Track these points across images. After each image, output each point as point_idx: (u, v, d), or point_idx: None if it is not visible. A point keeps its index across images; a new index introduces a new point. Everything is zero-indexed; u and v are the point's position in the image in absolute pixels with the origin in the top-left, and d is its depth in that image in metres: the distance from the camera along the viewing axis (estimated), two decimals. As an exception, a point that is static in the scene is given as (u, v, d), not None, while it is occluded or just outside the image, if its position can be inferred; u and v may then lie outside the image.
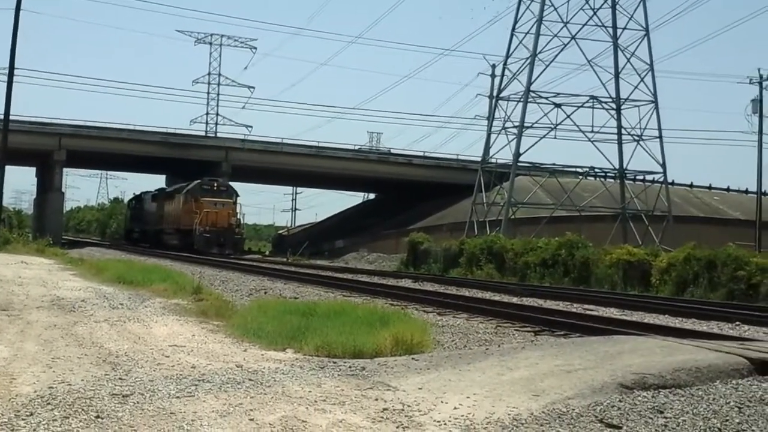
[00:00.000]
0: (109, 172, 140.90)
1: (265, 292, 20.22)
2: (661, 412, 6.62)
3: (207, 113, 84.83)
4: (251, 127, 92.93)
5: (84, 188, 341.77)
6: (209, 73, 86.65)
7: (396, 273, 34.99)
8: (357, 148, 71.45)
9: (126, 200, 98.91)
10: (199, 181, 52.58)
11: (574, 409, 6.57)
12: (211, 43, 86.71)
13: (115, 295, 16.08)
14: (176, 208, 54.29)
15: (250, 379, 7.58)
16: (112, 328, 11.17)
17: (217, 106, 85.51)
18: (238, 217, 52.49)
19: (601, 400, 6.84)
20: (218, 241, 48.84)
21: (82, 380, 7.35)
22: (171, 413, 6.21)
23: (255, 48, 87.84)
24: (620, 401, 6.83)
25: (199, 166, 59.47)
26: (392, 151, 70.36)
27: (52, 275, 21.79)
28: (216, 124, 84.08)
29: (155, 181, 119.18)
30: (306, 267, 37.04)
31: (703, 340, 9.98)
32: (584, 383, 7.35)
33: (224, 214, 49.99)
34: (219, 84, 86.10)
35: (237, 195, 53.06)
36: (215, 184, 51.87)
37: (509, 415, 6.40)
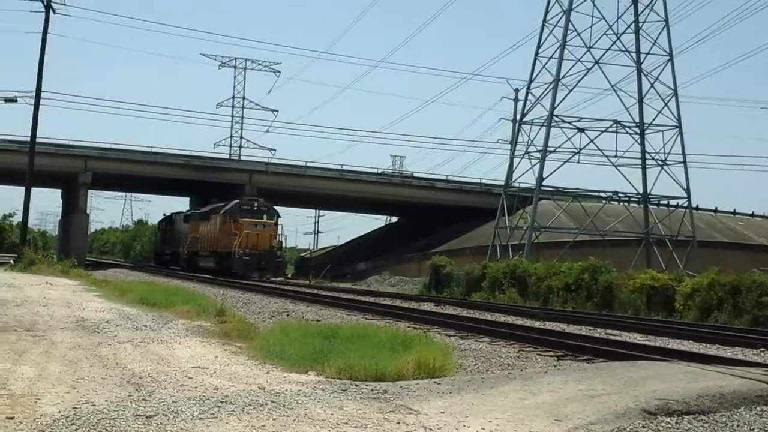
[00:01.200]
0: (134, 194, 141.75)
1: (288, 315, 20.26)
2: (685, 438, 6.59)
3: (231, 136, 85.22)
4: (275, 150, 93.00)
5: (108, 210, 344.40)
6: (233, 97, 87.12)
7: (418, 296, 34.95)
8: (380, 171, 71.57)
9: (154, 222, 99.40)
10: (238, 201, 50.71)
11: (596, 435, 6.56)
12: (235, 67, 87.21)
13: (138, 316, 16.16)
14: (213, 230, 52.03)
15: (272, 401, 7.60)
16: (135, 349, 11.23)
17: (241, 129, 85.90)
18: (280, 239, 49.95)
19: (625, 425, 6.82)
20: (259, 265, 46.61)
21: (106, 401, 7.39)
22: (194, 434, 6.24)
23: (279, 72, 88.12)
24: (643, 427, 6.81)
25: (223, 188, 59.72)
26: (415, 174, 70.46)
27: (77, 296, 21.92)
28: (240, 147, 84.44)
29: (179, 204, 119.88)
30: (328, 290, 37.08)
31: (727, 366, 9.92)
32: (607, 408, 7.33)
33: (265, 236, 47.62)
34: (243, 107, 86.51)
35: (278, 216, 50.72)
36: (255, 204, 49.56)
37: (532, 439, 6.38)
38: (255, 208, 48.85)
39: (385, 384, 8.96)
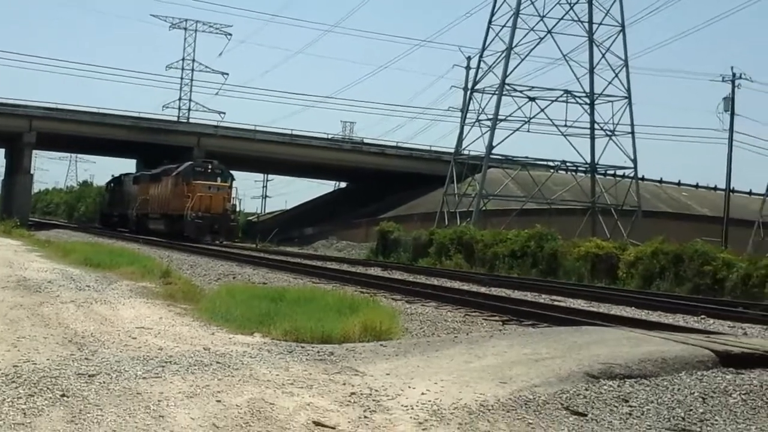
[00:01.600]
0: (79, 156, 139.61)
1: (234, 278, 20.16)
2: (626, 401, 6.68)
3: (180, 99, 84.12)
4: (224, 113, 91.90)
5: (52, 171, 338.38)
6: (183, 59, 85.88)
7: (365, 261, 35.00)
8: (330, 137, 71.22)
9: (100, 183, 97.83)
10: (191, 162, 49.17)
11: (540, 397, 6.62)
12: (186, 29, 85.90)
13: (82, 277, 15.97)
14: (164, 192, 50.08)
15: (217, 362, 7.56)
16: (78, 309, 11.09)
17: (191, 91, 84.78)
18: (234, 202, 48.33)
19: (568, 388, 6.89)
20: (212, 228, 45.11)
21: (48, 359, 7.29)
22: (137, 393, 6.18)
23: (230, 34, 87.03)
24: (586, 390, 6.88)
25: (171, 151, 58.98)
26: (365, 140, 70.28)
27: (19, 256, 21.60)
28: (189, 110, 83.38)
29: (125, 166, 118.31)
30: (275, 253, 36.94)
31: (670, 332, 10.06)
32: (551, 372, 7.39)
33: (219, 199, 46.00)
34: (193, 70, 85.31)
35: (233, 179, 48.90)
36: (209, 167, 47.65)
37: (476, 401, 6.42)
38: (209, 171, 47.31)
39: (331, 346, 8.96)
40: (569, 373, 7.35)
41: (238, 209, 50.78)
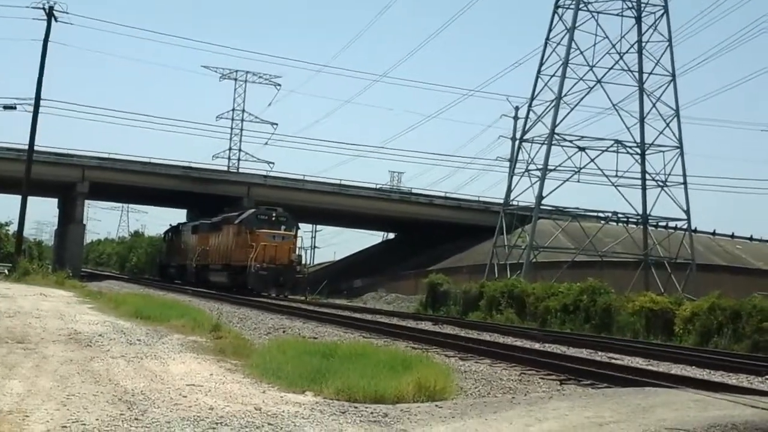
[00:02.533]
0: (131, 206, 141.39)
1: (284, 331, 19.98)
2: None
3: (230, 148, 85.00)
4: (273, 163, 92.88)
5: (105, 221, 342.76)
6: (233, 109, 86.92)
7: (415, 315, 34.66)
8: (378, 187, 71.30)
9: (151, 233, 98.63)
10: (254, 210, 47.01)
11: (607, 466, 6.31)
12: (236, 79, 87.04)
13: (132, 330, 15.89)
14: (225, 241, 48.07)
15: (269, 423, 7.36)
16: (128, 364, 10.96)
17: (240, 141, 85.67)
18: (300, 252, 45.93)
19: (636, 456, 6.57)
20: (277, 280, 42.55)
21: (97, 419, 7.14)
22: (188, 459, 5.98)
23: (279, 85, 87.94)
24: (656, 458, 6.55)
25: (221, 201, 59.42)
26: (413, 190, 70.25)
27: (70, 308, 21.64)
28: (238, 159, 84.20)
29: (176, 215, 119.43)
30: (324, 306, 36.77)
31: (737, 394, 9.67)
32: (617, 438, 7.08)
33: (284, 249, 43.42)
34: (243, 120, 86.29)
35: (298, 227, 46.51)
36: (274, 214, 45.22)
37: (540, 470, 6.13)
38: (273, 219, 44.89)
39: (385, 407, 8.71)
40: (636, 439, 7.03)
41: (305, 260, 48.49)
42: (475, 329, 25.94)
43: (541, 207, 46.60)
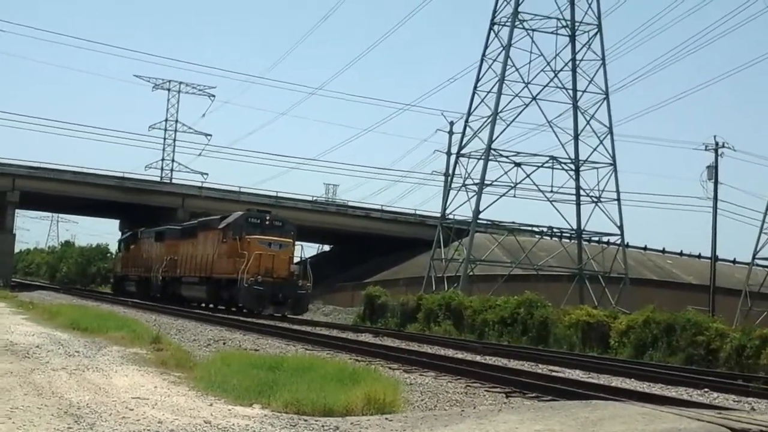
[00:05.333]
0: (60, 215, 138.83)
1: (224, 343, 19.76)
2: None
3: (162, 159, 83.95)
4: (207, 174, 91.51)
5: (33, 230, 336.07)
6: (166, 119, 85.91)
7: (354, 327, 34.56)
8: (313, 199, 71.14)
9: (81, 243, 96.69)
10: (242, 212, 39.94)
11: (564, 479, 6.34)
12: (169, 89, 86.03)
13: (70, 341, 15.59)
14: (203, 250, 40.99)
15: (221, 437, 7.25)
16: (71, 377, 10.74)
17: (173, 152, 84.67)
18: (306, 265, 39.60)
19: (590, 469, 6.61)
20: (275, 297, 35.75)
21: (45, 434, 6.97)
22: (143, 473, 5.87)
23: (213, 95, 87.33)
24: (610, 471, 6.60)
25: (155, 212, 58.71)
26: (349, 203, 70.26)
27: (4, 318, 21.18)
28: (171, 170, 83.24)
29: (108, 226, 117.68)
30: (263, 318, 36.44)
31: (682, 407, 9.80)
32: (570, 451, 7.12)
33: (282, 259, 36.64)
34: (176, 130, 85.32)
35: (295, 232, 39.14)
36: (267, 217, 38.35)
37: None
38: (267, 222, 37.95)
39: (335, 420, 8.66)
40: (589, 452, 7.08)
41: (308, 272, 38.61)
42: (415, 341, 25.97)
43: (478, 221, 46.93)
